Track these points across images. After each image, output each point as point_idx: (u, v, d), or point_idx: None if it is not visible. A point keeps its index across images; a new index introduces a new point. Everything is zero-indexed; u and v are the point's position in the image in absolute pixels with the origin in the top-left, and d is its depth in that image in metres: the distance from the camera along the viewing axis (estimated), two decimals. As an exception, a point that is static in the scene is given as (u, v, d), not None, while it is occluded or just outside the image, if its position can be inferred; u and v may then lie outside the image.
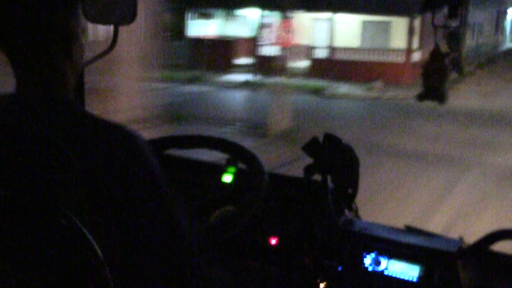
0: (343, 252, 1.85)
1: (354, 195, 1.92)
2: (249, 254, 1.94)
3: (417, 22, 23.16)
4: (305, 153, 1.87)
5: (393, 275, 1.79)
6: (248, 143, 10.82)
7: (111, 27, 1.47)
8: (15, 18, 1.08)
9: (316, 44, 24.20)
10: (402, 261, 1.78)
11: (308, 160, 1.90)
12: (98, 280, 0.98)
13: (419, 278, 1.75)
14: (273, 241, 1.91)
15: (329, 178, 1.89)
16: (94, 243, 0.97)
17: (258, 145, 11.35)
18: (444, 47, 2.00)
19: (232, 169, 1.92)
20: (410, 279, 1.77)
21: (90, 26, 1.58)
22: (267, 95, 19.98)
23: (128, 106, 9.25)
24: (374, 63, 22.37)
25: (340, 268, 1.83)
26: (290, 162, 9.10)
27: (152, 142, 1.64)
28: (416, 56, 23.12)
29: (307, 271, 1.85)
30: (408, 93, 20.53)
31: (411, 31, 22.18)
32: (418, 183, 9.24)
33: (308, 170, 1.89)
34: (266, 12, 24.85)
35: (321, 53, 23.29)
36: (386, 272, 1.80)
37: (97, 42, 6.02)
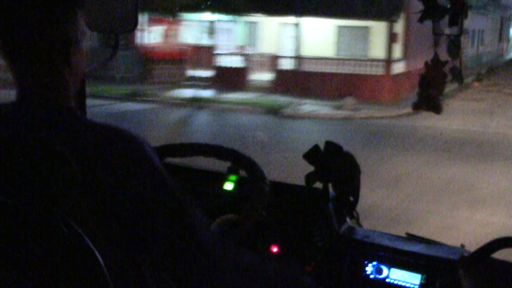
0: (345, 260, 1.85)
1: (355, 203, 1.92)
2: None
3: (399, 27, 19.76)
4: (306, 161, 1.87)
5: (395, 283, 1.78)
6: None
7: None
8: (16, 26, 1.11)
9: (284, 53, 20.86)
10: (404, 269, 1.78)
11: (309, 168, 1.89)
12: (99, 286, 0.97)
13: (421, 286, 1.74)
14: (275, 249, 1.89)
15: (330, 186, 1.89)
16: (94, 249, 0.97)
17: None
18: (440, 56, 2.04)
19: (233, 177, 1.92)
20: (412, 287, 1.76)
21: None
22: (210, 116, 16.72)
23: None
24: (349, 76, 18.97)
25: (341, 276, 1.83)
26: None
27: None
28: (399, 67, 19.68)
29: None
30: (385, 112, 17.10)
31: (391, 38, 18.74)
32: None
33: (309, 178, 1.88)
34: (227, 16, 21.55)
35: (288, 64, 19.90)
36: (387, 280, 1.79)
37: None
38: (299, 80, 19.19)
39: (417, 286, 1.75)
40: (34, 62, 1.14)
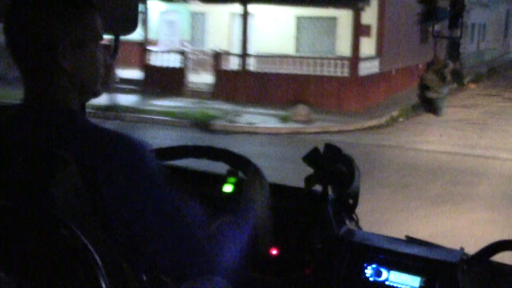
0: (344, 262, 1.83)
1: (354, 205, 1.91)
2: (250, 265, 1.77)
3: (372, 18, 16.03)
4: (305, 163, 1.84)
5: (394, 286, 1.77)
6: None
7: None
8: (25, 29, 1.14)
9: (237, 49, 17.16)
10: (403, 272, 1.77)
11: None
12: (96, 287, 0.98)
13: None
14: (274, 252, 1.90)
15: (329, 188, 1.88)
16: (93, 251, 0.97)
17: None
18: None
19: (232, 179, 1.90)
20: None
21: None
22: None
23: None
24: (307, 78, 15.22)
25: (341, 279, 1.83)
26: None
27: None
28: (371, 67, 15.93)
29: (308, 282, 1.85)
30: (346, 125, 13.39)
31: (357, 31, 14.94)
32: None
33: (309, 180, 1.85)
34: (168, 5, 17.89)
35: (236, 64, 16.17)
36: (387, 283, 1.78)
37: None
38: (245, 83, 15.50)
39: None
40: (31, 64, 1.16)
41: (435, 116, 14.49)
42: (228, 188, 1.89)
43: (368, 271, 1.78)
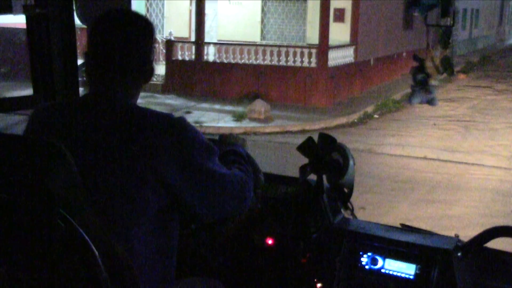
0: (340, 251, 1.87)
1: (349, 194, 1.93)
2: (246, 255, 1.98)
3: (345, 1, 14.17)
4: (300, 153, 1.87)
5: (390, 273, 1.81)
6: None
7: None
8: (108, 44, 1.46)
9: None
10: (399, 259, 1.81)
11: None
12: (95, 278, 1.01)
13: (416, 275, 1.77)
14: (270, 242, 1.95)
15: (324, 177, 1.90)
16: (90, 242, 1.01)
17: None
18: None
19: None
20: (407, 277, 1.79)
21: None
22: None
23: None
24: (270, 69, 13.35)
25: (336, 267, 1.86)
26: None
27: None
28: (345, 56, 14.07)
29: (304, 271, 1.90)
30: (309, 123, 11.57)
31: (327, 14, 13.05)
32: None
33: (304, 170, 1.87)
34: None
35: (191, 53, 14.29)
36: (383, 271, 1.82)
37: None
38: (201, 74, 13.65)
39: (412, 276, 1.77)
40: (104, 69, 1.45)
41: (431, 106, 12.87)
42: None
43: (364, 259, 1.83)
